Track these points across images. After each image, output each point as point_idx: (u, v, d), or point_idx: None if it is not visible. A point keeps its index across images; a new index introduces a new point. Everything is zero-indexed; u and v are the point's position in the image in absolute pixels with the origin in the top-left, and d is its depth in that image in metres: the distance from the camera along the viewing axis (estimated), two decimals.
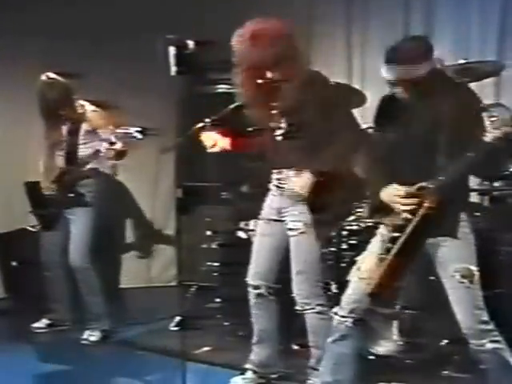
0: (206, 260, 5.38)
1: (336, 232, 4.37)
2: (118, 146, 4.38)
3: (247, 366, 3.95)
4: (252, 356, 3.95)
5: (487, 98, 4.56)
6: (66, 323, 5.11)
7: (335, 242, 4.39)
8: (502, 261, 4.09)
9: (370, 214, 3.39)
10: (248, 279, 3.88)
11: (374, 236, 3.32)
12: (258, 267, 3.85)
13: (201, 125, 4.02)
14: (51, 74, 4.82)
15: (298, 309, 3.78)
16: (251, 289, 3.87)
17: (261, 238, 3.89)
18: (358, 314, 3.26)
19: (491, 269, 3.95)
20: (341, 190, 3.63)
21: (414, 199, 3.07)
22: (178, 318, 5.00)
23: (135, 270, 6.43)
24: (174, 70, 3.72)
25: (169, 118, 5.54)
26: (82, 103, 4.85)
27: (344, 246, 4.44)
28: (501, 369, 3.09)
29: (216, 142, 3.94)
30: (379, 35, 5.67)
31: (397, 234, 3.11)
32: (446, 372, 3.95)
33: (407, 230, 3.07)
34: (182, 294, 5.31)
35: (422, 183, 3.08)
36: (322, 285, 3.81)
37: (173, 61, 3.72)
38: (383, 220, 3.23)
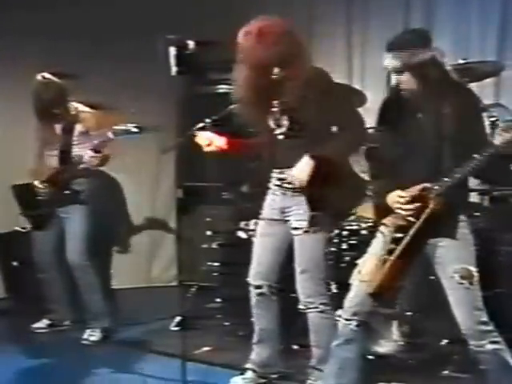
0: (207, 260, 5.38)
1: (336, 232, 4.37)
2: (101, 154, 4.48)
3: (247, 365, 3.96)
4: (253, 356, 3.95)
5: (487, 99, 4.57)
6: (66, 323, 5.11)
7: (335, 241, 4.40)
8: (502, 261, 4.10)
9: (374, 215, 3.38)
10: (249, 279, 3.88)
11: (374, 236, 3.33)
12: (259, 267, 3.84)
13: (201, 125, 4.04)
14: (46, 75, 4.83)
15: (301, 308, 3.77)
16: (253, 289, 3.86)
17: (262, 238, 3.88)
18: (361, 316, 3.26)
19: (491, 269, 3.96)
20: (340, 185, 3.62)
21: (416, 204, 3.08)
22: (178, 318, 5.01)
23: (135, 270, 6.42)
24: (174, 70, 3.72)
25: (169, 118, 5.54)
26: (76, 105, 4.86)
27: (344, 246, 4.46)
28: (500, 369, 3.10)
29: (211, 141, 3.91)
30: (379, 35, 5.66)
31: (399, 235, 3.12)
32: (446, 372, 3.96)
33: (411, 232, 3.07)
34: (182, 294, 5.31)
35: (425, 184, 3.08)
36: (326, 284, 3.81)
37: (173, 61, 3.73)
38: (385, 220, 3.24)
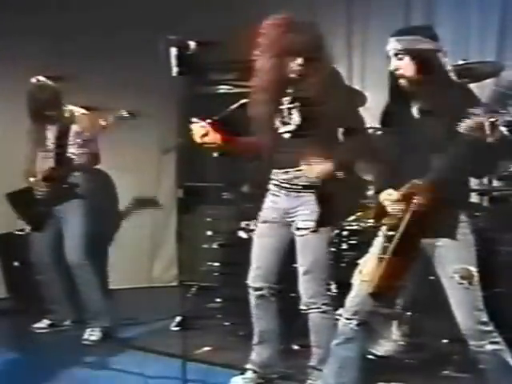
0: (207, 260, 5.39)
1: (336, 232, 4.38)
2: (89, 150, 4.54)
3: (248, 366, 3.96)
4: (253, 356, 3.95)
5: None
6: (66, 323, 5.12)
7: (335, 241, 4.41)
8: (502, 261, 4.10)
9: (373, 215, 3.39)
10: (249, 281, 3.86)
11: (374, 236, 3.34)
12: (259, 269, 3.83)
13: (196, 120, 4.02)
14: (41, 77, 4.84)
15: (302, 308, 3.76)
16: (252, 291, 3.85)
17: (261, 239, 3.86)
18: (362, 316, 3.27)
19: (491, 269, 3.96)
20: (347, 184, 3.62)
21: (403, 202, 3.08)
22: (178, 318, 5.02)
23: (136, 270, 6.42)
24: (175, 70, 3.72)
25: (170, 119, 5.58)
26: (71, 107, 4.86)
27: (344, 246, 4.46)
28: (500, 370, 3.10)
29: (207, 132, 3.79)
30: (379, 35, 5.66)
31: (392, 233, 3.12)
32: (446, 372, 3.97)
33: (400, 229, 3.07)
34: (182, 294, 5.33)
35: (414, 181, 3.07)
36: (328, 284, 3.82)
37: (174, 61, 3.72)
38: (383, 220, 3.25)
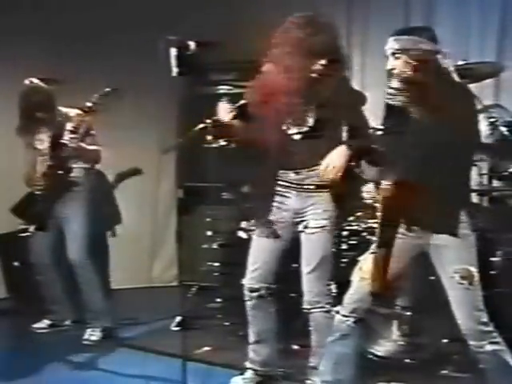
0: (207, 260, 5.39)
1: (336, 232, 4.38)
2: (79, 135, 4.56)
3: (247, 365, 3.95)
4: (251, 355, 3.94)
5: (486, 99, 4.58)
6: (66, 323, 5.12)
7: (335, 242, 4.40)
8: (502, 261, 4.10)
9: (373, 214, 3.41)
10: (246, 282, 3.85)
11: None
12: (259, 270, 3.82)
13: (202, 125, 4.03)
14: (34, 80, 4.84)
15: (306, 307, 3.76)
16: (249, 292, 3.83)
17: (261, 239, 3.83)
18: (360, 313, 3.28)
19: (491, 269, 3.97)
20: (357, 185, 3.63)
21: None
22: (178, 318, 5.02)
23: (136, 270, 6.43)
24: (175, 70, 3.72)
25: (170, 119, 5.58)
26: (65, 110, 4.84)
27: (344, 246, 4.46)
28: (500, 370, 3.11)
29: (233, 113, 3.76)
30: (379, 35, 5.66)
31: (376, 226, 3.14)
32: (446, 372, 3.97)
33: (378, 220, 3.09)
34: (182, 294, 5.33)
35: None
36: (332, 283, 3.82)
37: (174, 62, 3.72)
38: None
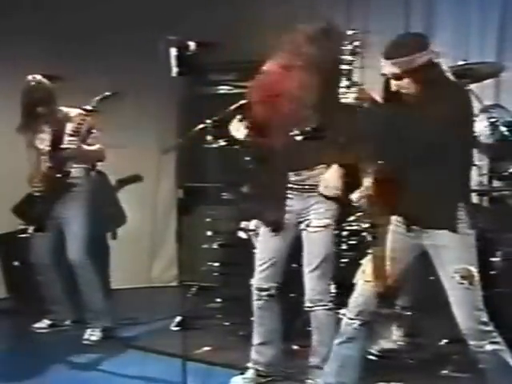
0: (207, 260, 5.38)
1: (336, 232, 4.38)
2: (78, 137, 4.59)
3: (250, 365, 3.95)
4: (255, 356, 3.94)
5: (487, 100, 4.59)
6: (66, 323, 5.12)
7: (335, 242, 4.40)
8: (502, 261, 4.10)
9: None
10: (255, 282, 3.86)
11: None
12: (267, 270, 3.83)
13: (202, 126, 4.05)
14: (37, 76, 4.84)
15: (308, 305, 3.76)
16: (259, 291, 3.84)
17: (267, 240, 3.85)
18: (365, 316, 3.28)
19: (491, 269, 3.97)
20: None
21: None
22: (178, 318, 5.02)
23: (136, 270, 6.43)
24: (175, 70, 3.73)
25: (170, 119, 5.59)
26: (66, 109, 4.85)
27: (344, 246, 4.46)
28: (500, 370, 3.11)
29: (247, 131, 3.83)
30: (379, 36, 5.65)
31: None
32: (446, 372, 3.97)
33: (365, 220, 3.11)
34: (182, 294, 5.32)
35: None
36: (332, 283, 3.82)
37: (174, 62, 3.73)
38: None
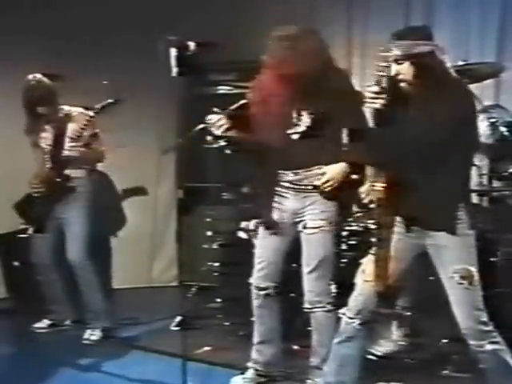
0: (207, 260, 5.39)
1: (335, 233, 4.38)
2: (80, 144, 4.60)
3: (250, 365, 3.96)
4: (255, 355, 3.95)
5: (486, 100, 4.59)
6: (66, 323, 5.12)
7: (335, 242, 4.41)
8: (502, 261, 4.11)
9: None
10: (254, 281, 3.87)
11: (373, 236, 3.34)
12: (265, 269, 3.84)
13: (201, 126, 4.03)
14: (37, 75, 4.84)
15: (307, 307, 3.77)
16: (257, 290, 3.86)
17: (267, 239, 3.86)
18: (365, 315, 3.28)
19: (491, 269, 3.97)
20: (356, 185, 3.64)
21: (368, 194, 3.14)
22: (178, 318, 5.02)
23: (136, 270, 6.42)
24: (175, 71, 3.72)
25: (170, 119, 5.58)
26: (68, 108, 4.86)
27: (344, 246, 4.46)
28: (500, 370, 3.12)
29: (226, 126, 3.84)
30: (379, 35, 5.66)
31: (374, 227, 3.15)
32: (446, 372, 3.97)
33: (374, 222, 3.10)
34: (182, 294, 5.33)
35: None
36: (332, 283, 3.82)
37: (174, 62, 3.73)
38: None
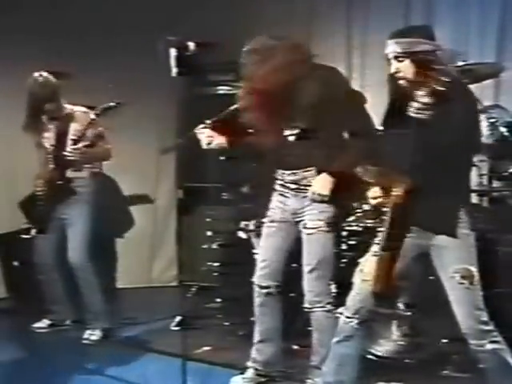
0: (207, 260, 5.40)
1: (336, 233, 4.38)
2: (81, 146, 4.57)
3: (250, 364, 3.96)
4: (255, 355, 3.95)
5: (486, 100, 4.59)
6: (66, 323, 5.12)
7: (335, 242, 4.41)
8: (502, 261, 4.11)
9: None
10: (256, 280, 3.88)
11: (373, 237, 3.34)
12: (267, 268, 3.85)
13: (201, 126, 4.04)
14: (43, 73, 4.84)
15: (306, 307, 3.77)
16: (259, 289, 3.87)
17: (269, 238, 3.87)
18: (363, 314, 3.28)
19: (491, 269, 3.97)
20: (355, 186, 3.64)
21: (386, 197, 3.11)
22: (178, 318, 5.02)
23: (136, 270, 6.42)
24: (174, 71, 3.73)
25: (170, 119, 5.58)
26: (71, 107, 4.86)
27: (344, 246, 4.46)
28: (501, 369, 3.11)
29: (212, 138, 3.91)
30: (379, 35, 5.65)
31: (381, 229, 3.13)
32: (446, 372, 3.97)
33: (386, 223, 3.08)
34: (182, 294, 5.34)
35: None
36: (332, 283, 3.83)
37: (174, 62, 3.74)
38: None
